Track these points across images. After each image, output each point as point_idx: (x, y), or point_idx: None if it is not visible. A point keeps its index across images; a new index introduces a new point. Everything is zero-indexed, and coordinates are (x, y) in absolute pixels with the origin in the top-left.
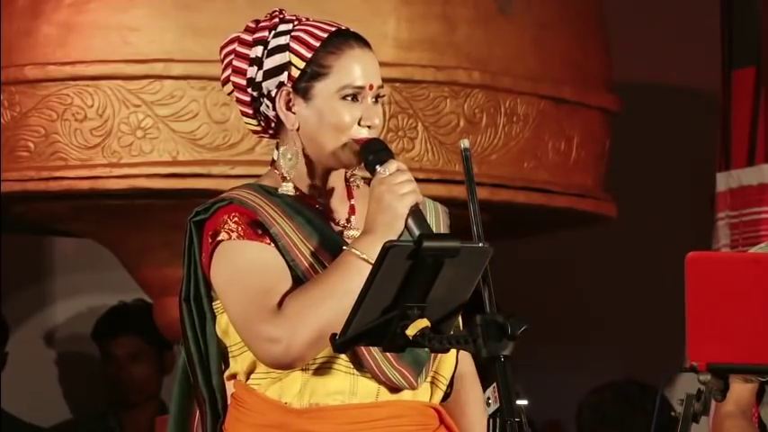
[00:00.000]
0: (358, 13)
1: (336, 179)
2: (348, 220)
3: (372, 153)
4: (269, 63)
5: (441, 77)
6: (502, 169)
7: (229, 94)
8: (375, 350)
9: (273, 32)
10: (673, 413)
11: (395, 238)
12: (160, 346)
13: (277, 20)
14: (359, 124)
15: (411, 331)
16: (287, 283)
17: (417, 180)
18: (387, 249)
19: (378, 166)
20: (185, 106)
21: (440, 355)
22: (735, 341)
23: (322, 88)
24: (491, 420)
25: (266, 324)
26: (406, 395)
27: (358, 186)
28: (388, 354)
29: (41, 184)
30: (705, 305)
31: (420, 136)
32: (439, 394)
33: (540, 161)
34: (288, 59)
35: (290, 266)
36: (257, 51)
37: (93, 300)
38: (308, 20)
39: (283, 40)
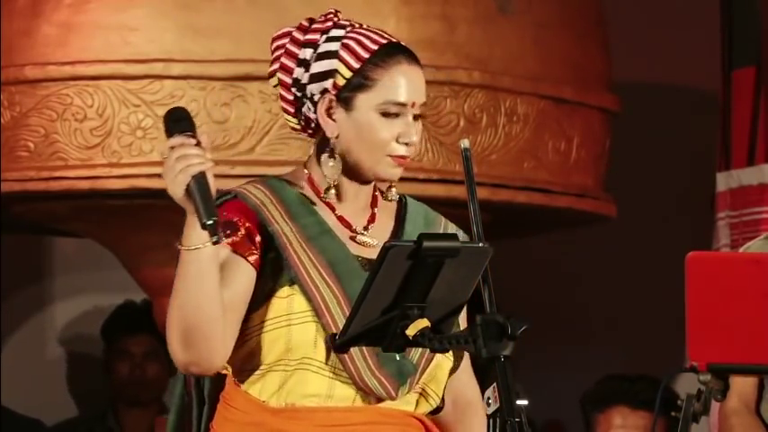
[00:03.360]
0: (358, 13)
1: (364, 188)
2: (366, 228)
3: (165, 125)
4: (316, 67)
5: (441, 77)
6: (502, 169)
7: (275, 86)
8: (358, 356)
9: (325, 36)
10: (672, 413)
11: (193, 220)
12: None
13: (330, 23)
14: (397, 141)
15: (411, 331)
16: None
17: (417, 180)
18: (387, 249)
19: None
20: (185, 106)
21: (431, 369)
22: (735, 341)
23: (364, 101)
24: (491, 420)
25: None
26: (385, 403)
27: (390, 199)
28: (371, 361)
29: (41, 184)
30: (705, 305)
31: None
32: (426, 407)
33: (540, 161)
34: (335, 67)
35: (282, 266)
36: (306, 53)
37: (93, 300)
38: (361, 27)
39: (334, 46)
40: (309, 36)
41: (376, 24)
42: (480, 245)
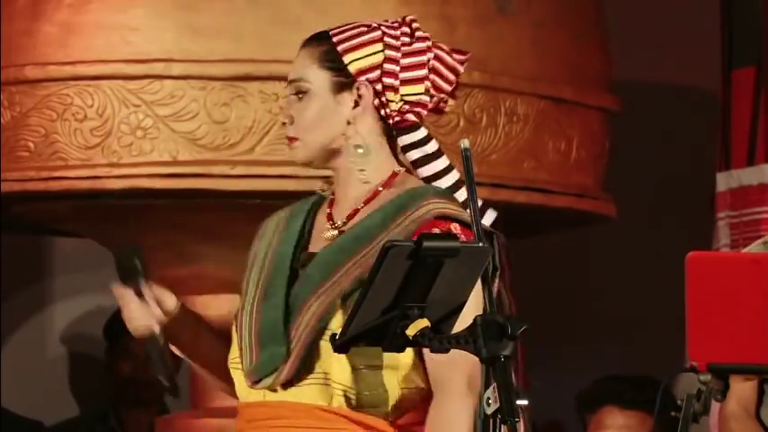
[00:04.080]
0: (358, 14)
1: (350, 182)
2: (337, 223)
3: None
4: None
5: None
6: (502, 169)
7: None
8: (246, 346)
9: None
10: (672, 413)
11: None
12: None
13: None
14: None
15: (411, 331)
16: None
17: None
18: (387, 249)
19: None
20: (185, 106)
21: (326, 356)
22: (735, 341)
23: None
24: (491, 420)
25: None
26: (290, 396)
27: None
28: (255, 348)
29: (41, 184)
30: (705, 305)
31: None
32: (338, 399)
33: (539, 161)
34: None
35: None
36: None
37: (93, 300)
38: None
39: None
40: None
41: None
42: (480, 245)
